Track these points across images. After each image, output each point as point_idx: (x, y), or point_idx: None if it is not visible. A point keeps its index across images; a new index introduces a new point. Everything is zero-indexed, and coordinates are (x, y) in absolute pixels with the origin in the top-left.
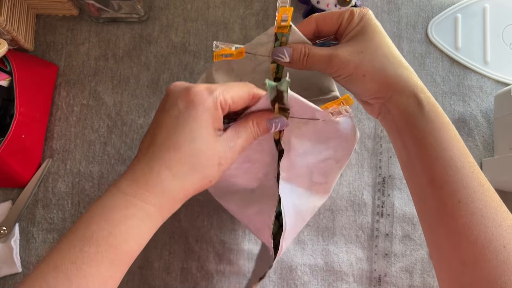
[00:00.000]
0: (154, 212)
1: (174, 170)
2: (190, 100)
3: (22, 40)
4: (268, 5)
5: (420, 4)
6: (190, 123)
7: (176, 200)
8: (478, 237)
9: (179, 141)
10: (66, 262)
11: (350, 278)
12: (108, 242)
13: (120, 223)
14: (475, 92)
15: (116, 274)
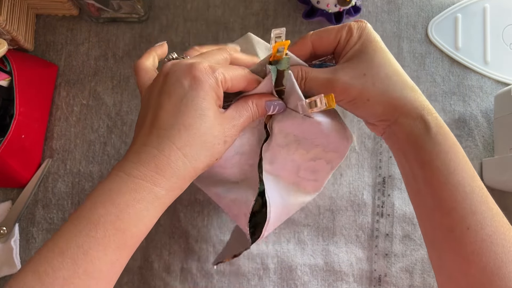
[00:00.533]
0: (164, 195)
1: (185, 150)
2: (195, 78)
3: (22, 40)
4: (268, 5)
5: (420, 4)
6: (199, 101)
7: (186, 180)
8: (488, 264)
9: (188, 120)
10: (73, 246)
11: (350, 278)
12: (115, 226)
13: (128, 207)
14: (475, 92)
15: (123, 257)
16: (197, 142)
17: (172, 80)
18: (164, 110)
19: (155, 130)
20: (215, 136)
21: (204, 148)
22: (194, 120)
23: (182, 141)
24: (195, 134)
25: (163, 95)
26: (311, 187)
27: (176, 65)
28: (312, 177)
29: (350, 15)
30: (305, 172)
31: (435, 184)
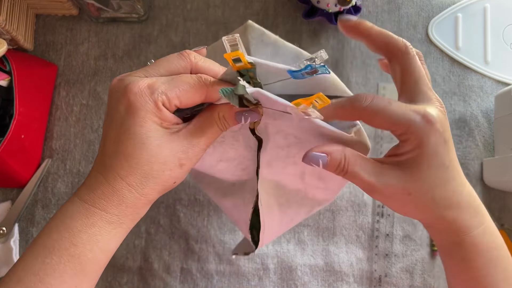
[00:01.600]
0: (116, 220)
1: (128, 180)
2: (130, 104)
3: (21, 40)
4: (268, 5)
5: (421, 3)
6: (136, 129)
7: (138, 207)
8: None
9: (128, 149)
10: (29, 274)
11: (351, 279)
12: (69, 252)
13: (80, 232)
14: (476, 92)
15: (83, 284)
16: (140, 171)
17: (112, 104)
18: (108, 136)
19: (102, 157)
20: (163, 163)
21: (149, 176)
22: (133, 150)
23: (125, 171)
24: (137, 163)
25: (107, 119)
26: (321, 195)
27: (117, 84)
28: (321, 184)
29: (350, 15)
30: (311, 178)
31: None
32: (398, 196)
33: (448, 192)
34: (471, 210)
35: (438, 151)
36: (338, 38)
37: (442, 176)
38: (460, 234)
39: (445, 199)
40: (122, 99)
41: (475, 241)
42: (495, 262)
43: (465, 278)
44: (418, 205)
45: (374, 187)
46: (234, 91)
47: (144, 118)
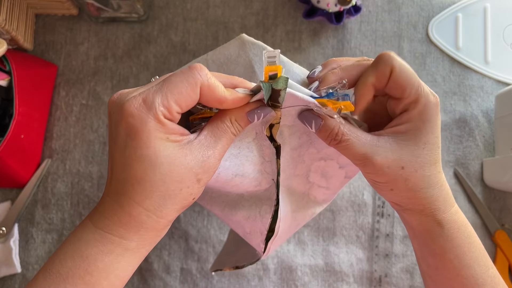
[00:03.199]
0: (134, 246)
1: (145, 205)
2: (129, 127)
3: (21, 40)
4: (268, 5)
5: (421, 3)
6: (142, 152)
7: (158, 229)
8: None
9: (138, 173)
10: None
11: (351, 279)
12: (85, 280)
13: (96, 260)
14: (476, 92)
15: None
16: (156, 194)
17: (112, 126)
18: (114, 161)
19: (113, 182)
20: (179, 181)
21: (167, 197)
22: (144, 172)
23: (139, 196)
24: (151, 186)
25: (110, 142)
26: (321, 196)
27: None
28: (323, 183)
29: (351, 15)
30: (315, 176)
31: (447, 275)
32: (390, 170)
33: (436, 171)
34: (447, 189)
35: (435, 129)
36: (338, 38)
37: (435, 154)
38: (440, 212)
39: (433, 178)
40: (121, 122)
41: (453, 218)
42: (472, 238)
43: (449, 258)
44: (408, 181)
45: (367, 157)
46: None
47: (148, 139)
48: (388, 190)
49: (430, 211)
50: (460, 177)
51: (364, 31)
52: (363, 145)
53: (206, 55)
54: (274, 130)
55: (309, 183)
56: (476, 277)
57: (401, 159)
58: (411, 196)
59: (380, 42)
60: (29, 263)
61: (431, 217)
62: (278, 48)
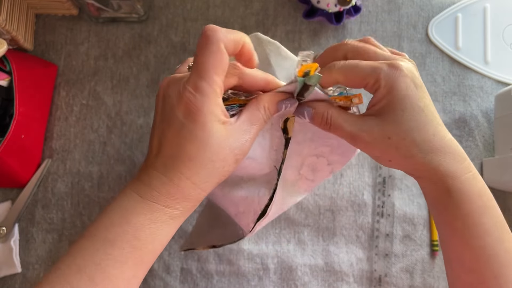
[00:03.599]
0: (178, 215)
1: (193, 179)
2: (188, 109)
3: (21, 40)
4: (268, 5)
5: (421, 3)
6: (197, 133)
7: (198, 200)
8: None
9: (191, 152)
10: (90, 264)
11: (351, 279)
12: (132, 244)
13: (144, 226)
14: (476, 92)
15: (139, 273)
16: (204, 170)
17: (167, 109)
18: (166, 139)
19: (161, 157)
20: (223, 160)
21: (212, 173)
22: (197, 151)
23: (190, 172)
24: (201, 163)
25: (163, 123)
26: (305, 187)
27: (170, 89)
28: (311, 176)
29: (350, 15)
30: (306, 169)
31: (457, 243)
32: (379, 142)
33: (428, 135)
34: (456, 156)
35: (409, 94)
36: (338, 38)
37: (419, 118)
38: (448, 179)
39: (427, 142)
40: (180, 105)
41: (464, 187)
42: (487, 209)
43: (458, 226)
44: (400, 149)
45: (355, 135)
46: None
47: (205, 122)
48: (387, 161)
49: (437, 177)
50: None
51: (364, 31)
52: (350, 125)
53: None
54: (289, 124)
55: (299, 175)
56: (487, 248)
57: (385, 130)
58: (411, 163)
59: (380, 42)
60: (29, 263)
61: (440, 184)
62: None
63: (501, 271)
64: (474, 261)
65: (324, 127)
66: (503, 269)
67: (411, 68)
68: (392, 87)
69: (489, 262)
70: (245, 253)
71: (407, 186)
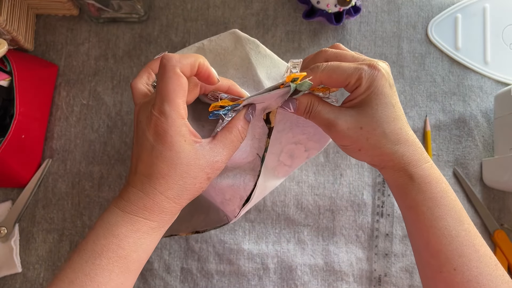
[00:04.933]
0: (156, 226)
1: (167, 194)
2: (156, 132)
3: (22, 40)
4: (268, 5)
5: (420, 4)
6: (166, 154)
7: (174, 213)
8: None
9: (163, 170)
10: (80, 275)
11: (350, 278)
12: (117, 253)
13: (127, 237)
14: (475, 92)
15: (127, 281)
16: (176, 186)
17: (140, 133)
18: (141, 160)
19: (138, 176)
20: (194, 177)
21: (184, 189)
22: (168, 170)
23: (162, 187)
24: (173, 180)
25: (138, 145)
26: (283, 172)
27: (140, 114)
28: (288, 162)
29: (350, 15)
30: (284, 156)
31: (421, 227)
32: (352, 131)
33: (397, 128)
34: (418, 147)
35: (385, 91)
36: (338, 38)
37: (390, 113)
38: (411, 167)
39: (394, 134)
40: (150, 128)
41: (425, 173)
42: (446, 193)
43: (422, 210)
44: (370, 139)
45: (331, 122)
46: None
47: (172, 142)
48: (356, 151)
49: (401, 166)
50: (460, 177)
51: (363, 31)
52: (327, 113)
53: (201, 44)
54: (271, 115)
55: (279, 161)
56: (449, 228)
57: (358, 121)
58: (378, 153)
59: (379, 43)
60: (30, 262)
61: (403, 172)
62: (278, 48)
63: (464, 251)
64: (439, 243)
65: (305, 115)
66: (465, 249)
67: (387, 69)
68: (373, 83)
69: (452, 242)
70: (245, 253)
71: None
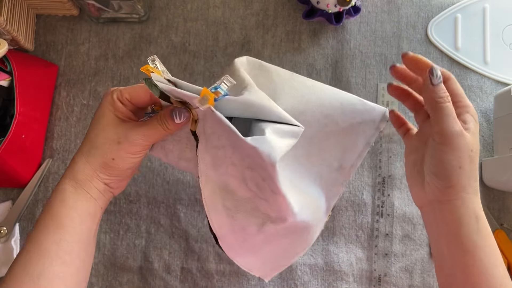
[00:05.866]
0: (73, 184)
1: (82, 149)
2: (100, 102)
3: (22, 40)
4: (268, 5)
5: (420, 4)
6: (96, 115)
7: (86, 173)
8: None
9: (88, 130)
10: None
11: (350, 278)
12: (50, 213)
13: (55, 199)
14: (475, 92)
15: (66, 237)
16: (89, 142)
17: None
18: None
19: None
20: (105, 137)
21: (94, 146)
22: (91, 129)
23: (82, 145)
24: (89, 137)
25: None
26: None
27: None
28: (260, 194)
29: (350, 15)
30: (251, 184)
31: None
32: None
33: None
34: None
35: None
36: (338, 38)
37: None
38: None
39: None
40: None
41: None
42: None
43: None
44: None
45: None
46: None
47: (102, 107)
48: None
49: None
50: None
51: (363, 31)
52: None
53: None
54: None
55: (251, 190)
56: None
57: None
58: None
59: (379, 43)
60: None
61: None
62: (278, 48)
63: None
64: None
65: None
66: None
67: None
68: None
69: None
70: None
71: (406, 186)
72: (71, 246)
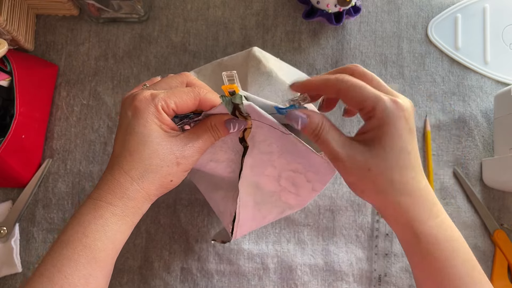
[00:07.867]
0: (119, 212)
1: (131, 173)
2: (135, 108)
3: (22, 40)
4: (268, 5)
5: (420, 4)
6: (139, 129)
7: (138, 199)
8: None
9: (132, 147)
10: (49, 267)
11: (350, 278)
12: (82, 242)
13: (90, 223)
14: (475, 92)
15: (95, 272)
16: (141, 165)
17: (121, 112)
18: (116, 140)
19: (111, 159)
20: (162, 159)
21: (149, 170)
22: (137, 146)
23: (129, 166)
24: (139, 158)
25: (118, 125)
26: (293, 201)
27: (126, 98)
28: (293, 189)
29: (350, 15)
30: (286, 182)
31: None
32: (358, 170)
33: (408, 177)
34: (427, 201)
35: (403, 135)
36: (338, 38)
37: (403, 160)
38: (416, 224)
39: (402, 184)
40: (130, 106)
41: (432, 232)
42: (456, 253)
43: (430, 271)
44: (376, 183)
45: (339, 156)
46: (232, 100)
47: (147, 120)
48: (360, 191)
49: (406, 221)
50: (459, 177)
51: (363, 31)
52: (337, 144)
53: (221, 60)
54: (246, 134)
55: (280, 186)
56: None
57: (367, 161)
58: (382, 200)
59: (379, 43)
60: (30, 262)
61: (407, 228)
62: (278, 48)
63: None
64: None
65: (313, 137)
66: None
67: (410, 111)
68: (387, 122)
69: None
70: (245, 252)
71: None
72: (98, 282)
